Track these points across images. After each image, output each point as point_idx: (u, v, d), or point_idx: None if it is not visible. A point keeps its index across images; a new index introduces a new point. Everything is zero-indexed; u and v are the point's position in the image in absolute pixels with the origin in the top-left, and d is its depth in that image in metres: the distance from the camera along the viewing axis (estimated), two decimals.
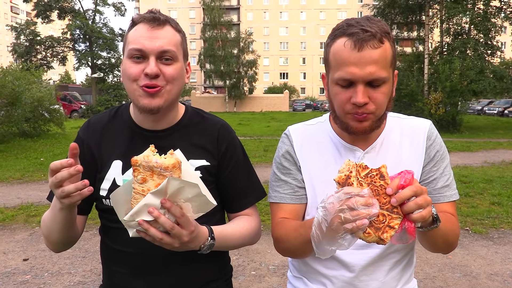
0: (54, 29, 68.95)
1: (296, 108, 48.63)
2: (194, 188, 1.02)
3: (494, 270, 4.17)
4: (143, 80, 1.22)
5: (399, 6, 22.15)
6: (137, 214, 1.02)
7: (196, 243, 1.15)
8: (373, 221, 0.96)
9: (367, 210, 0.93)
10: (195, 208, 1.08)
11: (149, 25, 1.23)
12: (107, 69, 36.20)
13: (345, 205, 0.94)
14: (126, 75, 1.24)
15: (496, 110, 33.53)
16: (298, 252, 1.30)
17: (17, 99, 13.69)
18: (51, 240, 1.29)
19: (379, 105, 1.18)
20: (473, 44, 19.73)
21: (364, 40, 1.12)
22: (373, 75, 1.13)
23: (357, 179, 0.98)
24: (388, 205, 0.97)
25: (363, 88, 1.14)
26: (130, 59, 1.23)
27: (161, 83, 1.23)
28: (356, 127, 1.21)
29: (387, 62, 1.16)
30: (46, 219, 1.27)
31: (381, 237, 0.97)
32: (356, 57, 1.13)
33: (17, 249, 4.84)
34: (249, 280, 3.99)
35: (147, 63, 1.21)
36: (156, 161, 1.01)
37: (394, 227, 0.97)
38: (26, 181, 8.62)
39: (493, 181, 8.08)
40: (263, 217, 5.23)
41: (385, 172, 0.98)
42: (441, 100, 19.33)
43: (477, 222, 5.61)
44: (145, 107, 1.23)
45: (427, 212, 0.98)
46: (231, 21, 49.12)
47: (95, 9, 35.85)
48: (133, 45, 1.22)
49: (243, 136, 17.05)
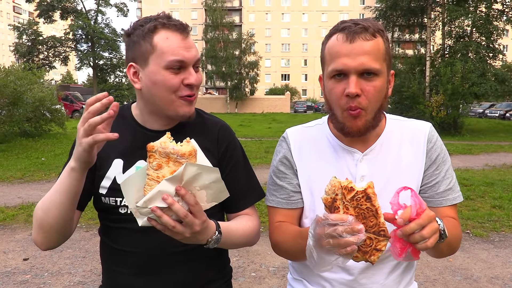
0: (56, 29, 69.09)
1: (297, 109, 48.57)
2: (213, 173, 1.02)
3: (494, 273, 4.16)
4: (183, 91, 1.25)
5: (401, 9, 22.13)
6: (151, 201, 1.00)
7: (205, 236, 1.13)
8: (361, 246, 0.98)
9: (354, 238, 0.94)
10: (210, 197, 1.07)
11: (181, 34, 1.24)
12: (109, 70, 36.24)
13: (332, 235, 0.95)
14: (165, 86, 1.24)
15: (497, 113, 33.47)
16: (296, 258, 1.31)
17: (18, 99, 13.72)
18: (45, 224, 1.20)
19: (371, 99, 1.18)
20: (475, 47, 19.69)
21: (356, 32, 1.15)
22: (365, 65, 1.15)
23: (343, 203, 0.98)
24: (375, 228, 0.97)
25: (356, 79, 1.16)
26: (167, 70, 1.23)
27: (194, 91, 1.29)
28: (351, 126, 1.20)
29: (379, 54, 1.17)
30: (45, 199, 1.21)
31: (368, 259, 0.99)
32: (348, 48, 1.15)
33: (17, 248, 4.84)
34: (249, 282, 3.98)
35: (187, 73, 1.25)
36: (173, 147, 1.01)
37: (381, 250, 0.98)
38: (27, 180, 8.63)
39: (494, 184, 8.07)
40: (263, 218, 5.22)
41: (372, 193, 0.97)
42: (443, 103, 19.31)
43: (478, 225, 5.60)
44: (185, 115, 1.29)
45: (433, 241, 0.98)
46: (233, 22, 49.08)
47: (98, 10, 35.94)
48: (173, 57, 1.22)
49: (244, 137, 17.06)
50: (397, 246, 1.00)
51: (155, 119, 1.34)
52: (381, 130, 1.32)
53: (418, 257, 1.02)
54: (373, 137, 1.31)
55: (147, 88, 1.26)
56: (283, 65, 76.41)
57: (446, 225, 1.11)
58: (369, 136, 1.30)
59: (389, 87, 1.26)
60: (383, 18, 23.25)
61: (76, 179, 1.14)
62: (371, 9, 24.64)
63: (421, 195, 1.32)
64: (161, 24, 1.23)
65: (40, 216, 1.20)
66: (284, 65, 76.38)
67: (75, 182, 1.14)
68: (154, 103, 1.28)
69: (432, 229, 0.97)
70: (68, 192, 1.15)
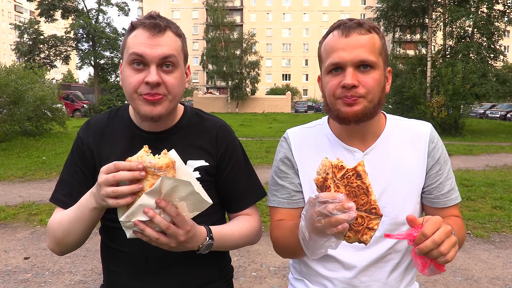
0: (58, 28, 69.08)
1: (298, 109, 48.61)
2: (187, 186, 1.03)
3: (495, 274, 4.16)
4: (144, 89, 1.21)
5: (402, 9, 22.11)
6: (133, 215, 1.03)
7: (194, 243, 1.15)
8: (352, 224, 0.97)
9: (345, 215, 0.94)
10: (191, 207, 1.08)
11: (149, 32, 1.20)
12: (109, 69, 36.25)
13: (323, 213, 0.95)
14: (127, 83, 1.23)
15: (498, 114, 33.46)
16: (295, 252, 1.30)
17: (20, 98, 13.74)
18: (66, 242, 1.26)
19: (369, 89, 1.19)
20: (476, 48, 19.68)
21: (351, 27, 1.19)
22: (361, 56, 1.17)
23: (333, 182, 0.98)
24: (366, 206, 0.96)
25: (352, 71, 1.18)
26: (130, 65, 1.22)
27: (162, 92, 1.22)
28: (346, 112, 1.20)
29: (375, 48, 1.19)
30: (64, 221, 1.23)
31: (361, 239, 0.98)
32: (344, 42, 1.18)
33: (18, 247, 4.85)
34: (250, 281, 3.98)
35: (148, 71, 1.20)
36: (150, 161, 1.02)
37: (373, 228, 0.97)
38: (28, 179, 8.64)
39: (495, 185, 8.06)
40: (264, 218, 5.22)
41: (362, 171, 0.97)
42: (444, 103, 19.30)
43: (478, 226, 5.59)
44: (146, 115, 1.23)
45: (453, 254, 0.98)
46: (234, 22, 49.06)
47: (99, 9, 35.89)
48: (134, 50, 1.20)
49: (244, 137, 17.06)
50: (418, 262, 1.00)
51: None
52: (381, 129, 1.33)
53: (444, 269, 1.00)
54: (373, 135, 1.31)
55: (121, 84, 1.28)
56: (284, 65, 76.42)
57: (454, 228, 1.10)
58: (368, 134, 1.31)
59: (387, 83, 1.27)
60: (384, 18, 23.25)
61: (98, 215, 1.18)
62: (372, 9, 24.61)
63: (425, 196, 1.32)
64: (137, 23, 1.24)
65: (59, 236, 1.25)
66: (285, 65, 76.39)
67: (96, 217, 1.19)
68: (128, 100, 1.29)
69: (450, 244, 0.97)
70: (90, 223, 1.20)
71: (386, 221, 1.26)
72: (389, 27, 23.72)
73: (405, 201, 1.28)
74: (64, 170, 1.38)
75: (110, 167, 1.03)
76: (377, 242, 1.27)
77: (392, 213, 1.27)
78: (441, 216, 1.28)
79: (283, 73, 76.34)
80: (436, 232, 0.96)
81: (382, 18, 23.26)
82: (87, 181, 1.33)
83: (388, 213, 1.26)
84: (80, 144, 1.37)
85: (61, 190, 1.35)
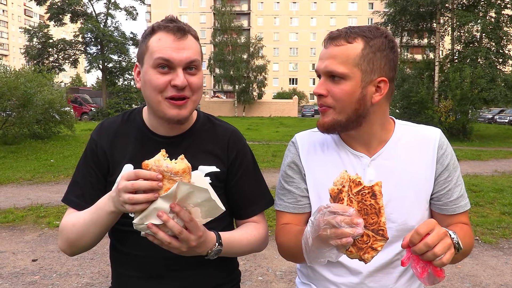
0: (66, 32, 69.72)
1: (305, 113, 48.52)
2: (204, 193, 1.03)
3: (504, 280, 4.12)
4: (169, 92, 1.23)
5: (410, 14, 22.05)
6: (147, 218, 1.04)
7: (204, 249, 1.16)
8: (357, 240, 0.98)
9: (351, 229, 0.95)
10: (204, 213, 1.09)
11: (174, 35, 1.22)
12: (117, 73, 36.45)
13: (330, 222, 0.96)
14: (152, 86, 1.23)
15: (507, 119, 33.16)
16: (297, 257, 1.29)
17: (28, 101, 13.84)
18: (79, 244, 1.27)
19: (337, 99, 1.22)
20: (484, 53, 19.57)
21: (331, 38, 1.24)
22: (327, 67, 1.22)
23: (348, 195, 0.99)
24: (374, 226, 0.97)
25: (323, 81, 1.24)
26: (155, 69, 1.22)
27: (188, 94, 1.25)
28: (319, 122, 1.28)
29: (348, 59, 1.20)
30: (78, 223, 1.25)
31: (362, 257, 0.99)
32: (322, 53, 1.26)
33: (26, 249, 4.88)
34: (256, 286, 3.98)
35: (174, 74, 1.22)
36: (167, 165, 1.03)
37: (376, 249, 0.98)
38: (36, 182, 8.70)
39: (504, 190, 7.99)
40: (270, 223, 5.22)
41: (378, 191, 0.98)
42: (451, 108, 19.18)
43: (487, 232, 5.55)
44: (173, 119, 1.25)
45: (449, 256, 0.98)
46: (241, 26, 49.29)
47: (107, 13, 36.14)
48: (160, 55, 1.20)
49: (251, 141, 17.06)
50: (417, 267, 1.00)
51: (159, 122, 1.34)
52: (390, 135, 1.33)
53: (443, 276, 1.00)
54: (381, 142, 1.31)
55: (142, 88, 1.28)
56: (291, 69, 76.46)
57: (460, 234, 1.10)
58: (376, 141, 1.30)
59: (377, 94, 1.23)
60: (391, 23, 23.20)
61: (114, 219, 1.20)
62: (379, 14, 24.57)
63: (434, 203, 1.32)
64: (158, 26, 1.25)
65: (72, 238, 1.27)
66: (292, 69, 76.43)
67: (112, 221, 1.21)
68: (149, 104, 1.30)
69: (444, 245, 0.98)
70: (105, 226, 1.22)
71: (394, 227, 1.25)
72: (396, 32, 23.66)
73: (412, 207, 1.27)
74: (76, 172, 1.39)
75: (131, 174, 1.05)
76: (384, 247, 1.26)
77: (400, 219, 1.26)
78: (449, 223, 1.28)
79: (290, 77, 76.34)
80: (429, 235, 0.97)
81: (389, 23, 23.19)
82: (99, 183, 1.35)
83: (395, 219, 1.26)
84: (94, 146, 1.38)
85: (74, 191, 1.36)
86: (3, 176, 9.11)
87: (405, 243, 1.00)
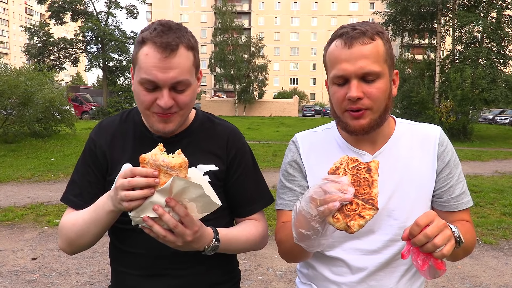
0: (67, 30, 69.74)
1: (305, 113, 48.60)
2: (198, 188, 1.04)
3: (504, 281, 4.12)
4: (156, 108, 1.22)
5: (411, 14, 22.05)
6: (143, 211, 1.05)
7: (200, 244, 1.16)
8: (345, 207, 0.97)
9: (340, 194, 0.96)
10: (200, 208, 1.09)
11: (161, 54, 1.15)
12: (118, 71, 36.46)
13: (320, 188, 0.97)
14: (139, 101, 1.24)
15: (507, 120, 33.15)
16: (295, 252, 1.28)
17: (29, 99, 13.86)
18: (79, 243, 1.28)
19: (375, 100, 1.19)
20: (485, 53, 19.57)
21: (354, 38, 1.17)
22: (364, 69, 1.16)
23: (344, 170, 1.01)
24: (365, 195, 0.97)
25: (357, 83, 1.18)
26: (141, 85, 1.20)
27: (175, 110, 1.23)
28: (354, 125, 1.22)
29: (379, 57, 1.18)
30: (78, 222, 1.25)
31: (348, 224, 0.97)
32: (347, 54, 1.17)
33: (26, 248, 4.88)
34: (256, 285, 3.98)
35: (160, 93, 1.19)
36: (163, 159, 1.03)
37: (364, 217, 0.96)
38: (36, 180, 8.71)
39: (504, 191, 8.00)
40: (270, 222, 5.22)
41: (374, 167, 0.99)
42: (452, 109, 19.20)
43: (487, 233, 5.55)
44: (159, 131, 1.26)
45: (449, 248, 0.98)
46: (242, 25, 49.25)
47: (108, 12, 36.16)
48: (145, 76, 1.17)
49: (252, 141, 17.07)
50: (417, 260, 1.00)
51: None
52: (391, 132, 1.33)
53: (444, 269, 1.00)
54: (382, 139, 1.31)
55: (134, 96, 1.28)
56: (291, 69, 76.47)
57: (461, 230, 1.10)
58: (378, 139, 1.30)
59: (394, 87, 1.27)
60: (392, 23, 23.18)
61: (114, 217, 1.20)
62: (380, 14, 24.56)
63: (436, 200, 1.31)
64: (147, 37, 1.18)
65: (72, 237, 1.27)
66: (293, 69, 76.44)
67: (112, 220, 1.21)
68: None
69: (444, 236, 0.97)
70: (105, 225, 1.22)
71: (396, 224, 1.25)
72: (397, 32, 23.65)
73: (414, 205, 1.27)
74: (75, 171, 1.39)
75: (127, 172, 1.05)
76: (386, 246, 1.26)
77: (402, 217, 1.25)
78: (451, 220, 1.27)
79: (290, 77, 76.35)
80: (429, 226, 0.97)
81: (390, 23, 23.18)
82: (98, 183, 1.35)
83: (398, 216, 1.25)
84: (93, 146, 1.38)
85: (72, 190, 1.36)
86: (4, 174, 9.12)
87: (405, 235, 1.00)
